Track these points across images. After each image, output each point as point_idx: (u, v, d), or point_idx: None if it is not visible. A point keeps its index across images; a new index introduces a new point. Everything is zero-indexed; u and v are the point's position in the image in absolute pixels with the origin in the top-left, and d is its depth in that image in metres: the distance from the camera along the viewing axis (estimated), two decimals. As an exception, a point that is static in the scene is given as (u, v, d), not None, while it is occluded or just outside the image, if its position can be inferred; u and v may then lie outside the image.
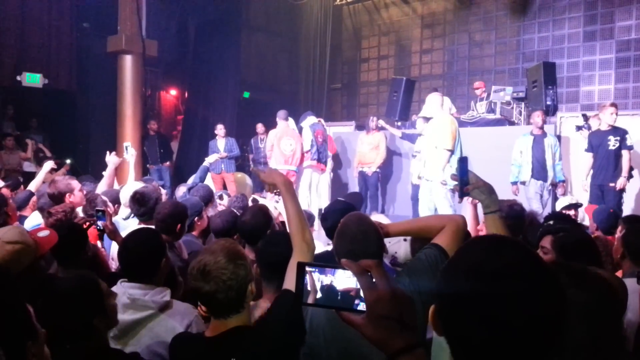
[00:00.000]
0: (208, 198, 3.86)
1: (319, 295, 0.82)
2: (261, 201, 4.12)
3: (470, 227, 2.68)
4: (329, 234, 2.47)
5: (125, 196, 3.60)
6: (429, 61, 12.04)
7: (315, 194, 7.05)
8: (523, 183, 6.17)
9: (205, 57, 10.46)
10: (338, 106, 13.46)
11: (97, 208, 2.92)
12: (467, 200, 2.84)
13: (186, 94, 11.24)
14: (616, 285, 1.39)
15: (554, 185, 6.10)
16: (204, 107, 10.41)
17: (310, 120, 7.22)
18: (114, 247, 2.89)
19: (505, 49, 10.82)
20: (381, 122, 7.96)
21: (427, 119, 6.74)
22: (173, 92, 11.65)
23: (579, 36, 9.93)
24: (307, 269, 0.82)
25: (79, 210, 3.34)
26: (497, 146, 6.89)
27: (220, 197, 4.57)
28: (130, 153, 4.62)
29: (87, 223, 2.82)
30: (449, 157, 5.03)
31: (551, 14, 10.24)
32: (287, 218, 1.78)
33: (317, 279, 0.82)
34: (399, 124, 8.71)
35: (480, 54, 11.18)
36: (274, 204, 3.80)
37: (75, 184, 3.63)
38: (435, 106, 5.42)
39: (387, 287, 0.77)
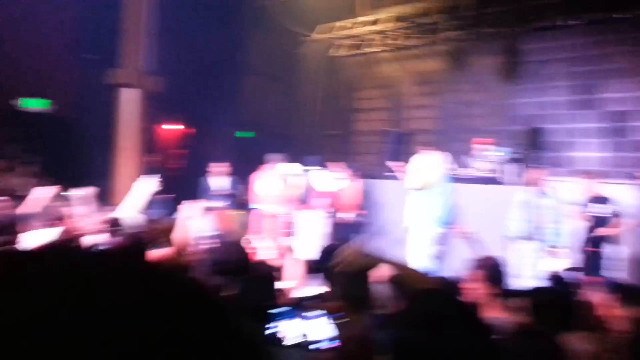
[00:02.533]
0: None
1: (289, 337, 0.88)
2: (254, 242, 4.18)
3: None
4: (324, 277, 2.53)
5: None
6: (421, 116, 12.47)
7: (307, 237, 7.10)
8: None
9: (205, 95, 10.65)
10: (332, 153, 13.67)
11: None
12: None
13: (184, 131, 11.33)
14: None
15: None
16: (200, 145, 10.50)
17: (306, 167, 7.39)
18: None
19: (494, 111, 11.32)
20: None
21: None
22: (171, 127, 11.74)
23: (562, 104, 10.51)
24: (271, 312, 0.89)
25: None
26: (488, 203, 7.13)
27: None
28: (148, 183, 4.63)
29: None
30: None
31: (537, 80, 10.84)
32: None
33: (286, 323, 0.88)
34: (391, 174, 8.91)
35: (470, 113, 11.66)
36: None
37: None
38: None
39: (356, 328, 0.85)
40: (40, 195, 4.54)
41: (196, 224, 5.63)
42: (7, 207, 4.18)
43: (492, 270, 2.96)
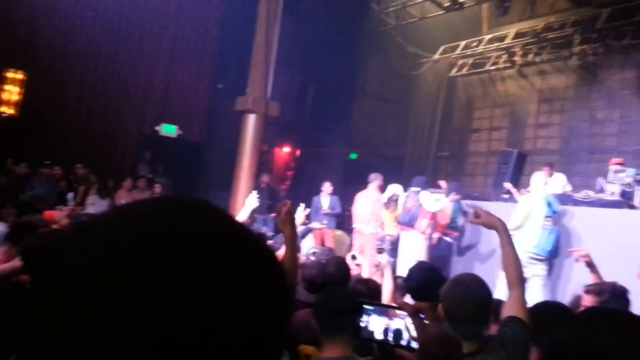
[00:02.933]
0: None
1: (377, 332, 0.93)
2: (358, 259, 4.27)
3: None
4: (414, 294, 2.54)
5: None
6: (544, 135, 11.65)
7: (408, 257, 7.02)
8: None
9: (320, 118, 11.15)
10: (443, 174, 13.39)
11: None
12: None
13: (298, 152, 11.96)
14: None
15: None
16: (313, 165, 11.00)
17: (414, 188, 7.33)
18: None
19: (629, 129, 10.15)
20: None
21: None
22: (287, 149, 12.47)
23: None
24: (366, 307, 0.96)
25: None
26: (613, 229, 6.42)
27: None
28: (252, 199, 5.01)
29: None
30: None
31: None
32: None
33: (375, 318, 0.94)
34: (507, 196, 8.44)
35: (601, 132, 10.60)
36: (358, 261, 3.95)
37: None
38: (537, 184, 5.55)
39: (437, 328, 0.86)
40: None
41: (303, 243, 5.93)
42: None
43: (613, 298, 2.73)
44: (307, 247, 5.63)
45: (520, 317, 1.75)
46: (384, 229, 7.46)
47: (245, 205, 4.81)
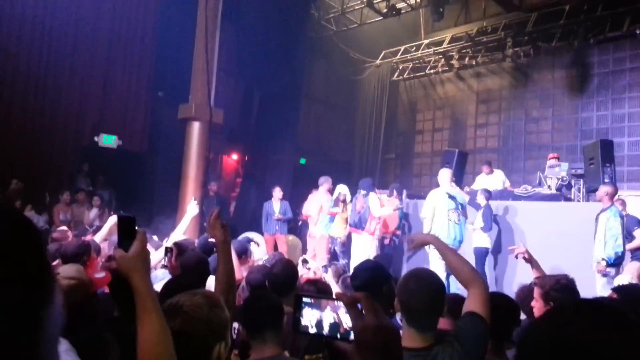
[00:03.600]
0: (242, 252, 4.10)
1: (312, 325, 0.90)
2: (310, 263, 4.25)
3: None
4: (360, 291, 2.55)
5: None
6: (484, 135, 12.13)
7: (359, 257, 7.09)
8: None
9: (267, 124, 11.06)
10: (391, 176, 13.66)
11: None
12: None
13: (246, 158, 11.81)
14: None
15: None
16: (262, 171, 10.89)
17: (362, 191, 7.40)
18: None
19: (562, 126, 10.75)
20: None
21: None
22: (234, 156, 12.29)
23: (640, 115, 9.77)
24: (304, 299, 0.92)
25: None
26: (551, 221, 6.75)
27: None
28: (193, 207, 4.90)
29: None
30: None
31: (610, 92, 10.18)
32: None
33: (312, 311, 0.91)
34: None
35: (537, 129, 11.16)
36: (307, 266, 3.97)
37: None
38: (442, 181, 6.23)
39: (373, 318, 0.82)
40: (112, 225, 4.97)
41: (254, 249, 5.83)
42: (67, 237, 4.58)
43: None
44: (260, 254, 5.55)
45: (476, 312, 1.78)
46: (334, 232, 7.48)
47: (186, 213, 4.69)
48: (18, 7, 8.42)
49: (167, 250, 3.46)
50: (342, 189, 7.50)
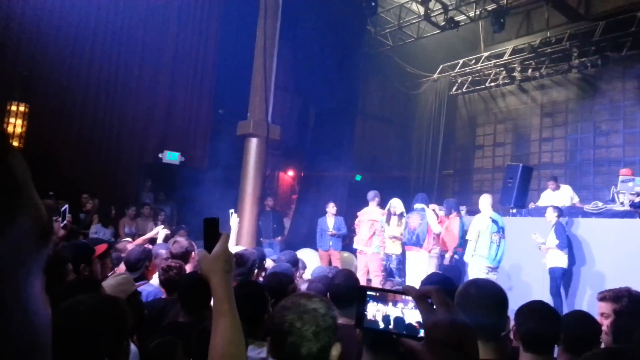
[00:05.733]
0: (295, 261, 4.16)
1: (378, 320, 0.82)
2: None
3: None
4: None
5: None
6: (549, 149, 11.58)
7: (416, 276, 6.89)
8: None
9: (322, 140, 11.12)
10: (449, 192, 13.30)
11: None
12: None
13: (302, 174, 11.90)
14: None
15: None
16: (317, 187, 10.92)
17: (418, 205, 7.24)
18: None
19: (635, 139, 10.08)
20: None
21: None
22: (290, 172, 12.42)
23: None
24: (369, 293, 0.84)
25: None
26: (625, 239, 6.29)
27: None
28: (234, 219, 5.04)
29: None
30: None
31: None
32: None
33: (376, 306, 0.83)
34: (514, 211, 8.33)
35: (606, 143, 10.53)
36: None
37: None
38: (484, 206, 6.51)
39: (446, 314, 0.75)
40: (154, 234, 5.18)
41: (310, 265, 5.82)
42: (127, 248, 4.77)
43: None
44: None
45: None
46: (388, 249, 7.32)
47: (231, 228, 4.79)
48: (90, 29, 9.00)
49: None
50: (394, 202, 7.36)
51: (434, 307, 0.78)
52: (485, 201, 6.58)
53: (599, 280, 6.41)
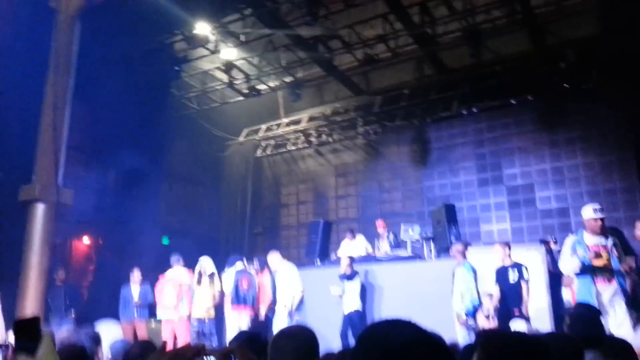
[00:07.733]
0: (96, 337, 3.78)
1: None
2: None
3: None
4: None
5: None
6: (344, 206, 12.83)
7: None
8: None
9: (125, 204, 10.43)
10: (259, 250, 13.58)
11: None
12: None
13: (100, 242, 10.90)
14: None
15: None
16: (120, 255, 10.09)
17: (237, 266, 7.26)
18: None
19: (411, 194, 11.86)
20: None
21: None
22: (86, 240, 11.25)
23: (473, 182, 11.20)
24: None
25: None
26: (411, 281, 7.22)
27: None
28: None
29: None
30: None
31: (447, 163, 11.59)
32: None
33: None
34: (319, 263, 8.90)
35: (389, 198, 12.14)
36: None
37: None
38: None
39: None
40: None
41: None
42: None
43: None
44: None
45: None
46: (197, 314, 7.08)
47: None
48: None
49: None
50: (204, 262, 7.26)
51: None
52: (274, 258, 7.30)
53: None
